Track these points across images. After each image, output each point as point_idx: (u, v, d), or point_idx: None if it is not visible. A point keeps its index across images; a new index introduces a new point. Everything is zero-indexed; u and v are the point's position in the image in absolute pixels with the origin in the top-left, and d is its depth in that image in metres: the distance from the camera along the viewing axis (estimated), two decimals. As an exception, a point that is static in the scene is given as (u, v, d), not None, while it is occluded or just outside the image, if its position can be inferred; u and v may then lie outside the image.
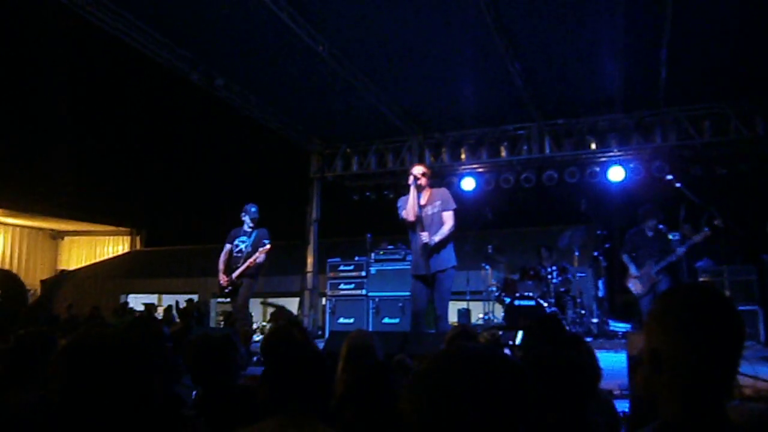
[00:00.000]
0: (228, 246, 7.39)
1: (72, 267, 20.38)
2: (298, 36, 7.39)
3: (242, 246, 7.30)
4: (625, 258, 7.43)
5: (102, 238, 21.26)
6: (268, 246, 7.08)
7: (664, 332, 1.33)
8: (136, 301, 17.27)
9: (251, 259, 7.03)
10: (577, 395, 1.97)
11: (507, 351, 3.81)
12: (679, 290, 1.47)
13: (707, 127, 9.34)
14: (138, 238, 21.12)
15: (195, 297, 17.05)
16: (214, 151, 16.45)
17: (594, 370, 2.32)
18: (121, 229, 20.82)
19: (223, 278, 7.21)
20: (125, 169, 17.52)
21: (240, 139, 14.00)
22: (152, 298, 18.29)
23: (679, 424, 1.29)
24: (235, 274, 7.12)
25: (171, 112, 14.59)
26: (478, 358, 1.13)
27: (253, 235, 7.29)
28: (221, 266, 7.27)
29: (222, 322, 14.53)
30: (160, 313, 16.17)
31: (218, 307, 17.50)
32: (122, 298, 17.96)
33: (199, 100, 10.77)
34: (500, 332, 3.98)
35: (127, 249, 21.04)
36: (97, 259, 20.69)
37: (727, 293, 6.40)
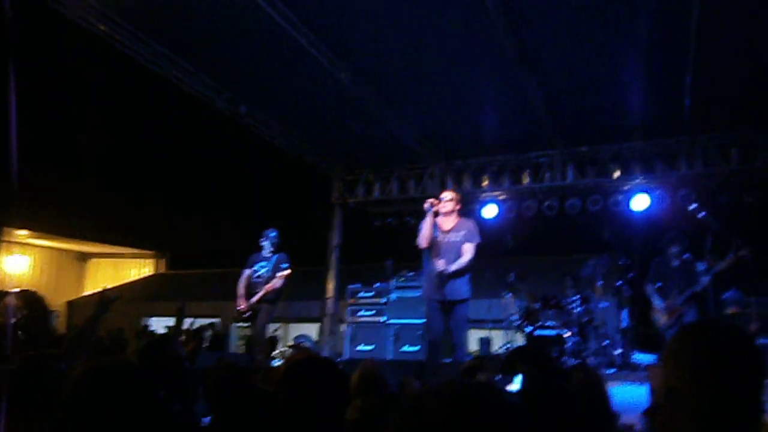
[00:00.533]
0: (247, 271, 7.49)
1: (97, 289, 20.64)
2: (320, 63, 7.48)
3: (262, 271, 7.38)
4: (648, 289, 7.29)
5: (127, 260, 21.51)
6: (287, 271, 7.14)
7: (681, 370, 1.32)
8: (159, 324, 17.38)
9: (270, 285, 7.08)
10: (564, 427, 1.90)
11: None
12: (694, 327, 1.49)
13: (734, 154, 9.19)
14: (162, 261, 21.34)
15: (217, 320, 17.13)
16: (238, 176, 16.65)
17: (594, 402, 2.22)
18: (145, 251, 21.06)
19: (242, 303, 7.27)
20: (151, 193, 17.81)
21: (263, 164, 14.15)
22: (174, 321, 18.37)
23: None
24: (254, 299, 7.18)
25: (196, 138, 14.84)
26: (466, 396, 1.10)
27: (273, 260, 7.39)
28: (241, 291, 7.36)
29: (243, 347, 14.55)
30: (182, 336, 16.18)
31: (239, 331, 17.53)
32: (145, 321, 18.09)
33: (224, 127, 10.92)
34: (498, 376, 3.83)
35: (151, 272, 21.26)
36: (122, 282, 20.93)
37: (755, 325, 6.22)
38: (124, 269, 21.54)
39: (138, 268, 21.44)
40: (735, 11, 6.28)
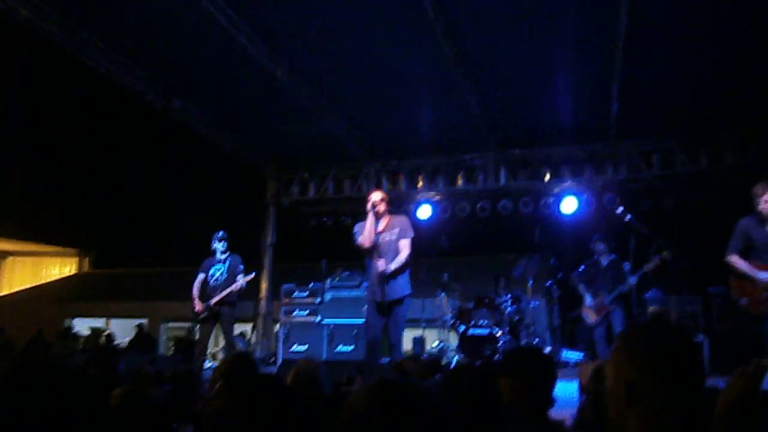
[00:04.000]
0: (202, 275, 7.58)
1: (15, 289, 19.63)
2: (257, 60, 7.35)
3: (217, 274, 7.50)
4: (580, 287, 7.57)
5: (48, 258, 20.57)
6: (251, 275, 7.47)
7: (637, 367, 1.45)
8: (83, 325, 16.70)
9: (235, 286, 7.31)
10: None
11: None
12: (647, 326, 1.65)
13: (655, 160, 9.63)
14: (86, 260, 20.51)
15: (144, 321, 16.58)
16: (168, 173, 16.13)
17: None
18: (68, 250, 20.19)
19: (198, 305, 7.40)
20: (74, 189, 17.00)
21: (195, 161, 13.77)
22: (100, 322, 17.71)
23: None
24: (213, 301, 7.34)
25: (124, 132, 14.29)
26: (394, 393, 1.15)
27: (228, 262, 7.54)
28: (195, 293, 7.47)
29: (173, 348, 14.15)
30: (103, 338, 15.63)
31: (168, 332, 17.06)
32: (67, 322, 17.34)
33: (154, 121, 10.57)
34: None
35: (74, 271, 20.39)
36: (42, 281, 19.98)
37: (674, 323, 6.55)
38: (44, 268, 20.58)
39: (59, 267, 20.53)
40: (660, 24, 6.59)
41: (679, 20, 6.48)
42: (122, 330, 16.23)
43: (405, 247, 5.77)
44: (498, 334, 8.32)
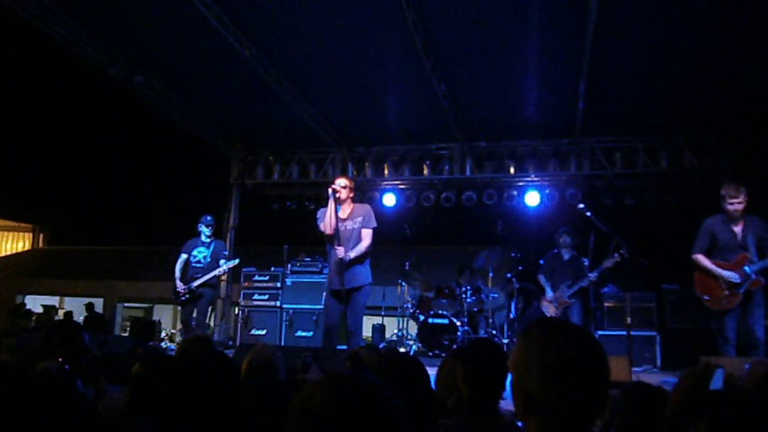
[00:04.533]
0: (184, 256, 7.75)
1: (-37, 263, 18.99)
2: (224, 38, 7.20)
3: (200, 257, 7.69)
4: (541, 279, 7.69)
5: (0, 233, 19.97)
6: (236, 260, 7.78)
7: (537, 378, 1.34)
8: (35, 302, 16.29)
9: (218, 271, 7.55)
10: None
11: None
12: (553, 335, 1.43)
13: (618, 159, 9.80)
14: (41, 236, 19.97)
15: (99, 300, 16.26)
16: (129, 150, 15.74)
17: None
18: (21, 225, 19.62)
19: (180, 285, 7.55)
20: (28, 162, 16.45)
21: (158, 139, 13.47)
22: (53, 300, 17.31)
23: None
24: (196, 284, 7.50)
25: (85, 107, 13.86)
26: (349, 386, 1.13)
27: (212, 246, 7.76)
28: (177, 274, 7.63)
29: (128, 328, 13.89)
30: (61, 316, 15.32)
31: (124, 312, 16.75)
32: (19, 299, 16.91)
33: (117, 97, 10.29)
34: None
35: (28, 246, 19.84)
36: (-7, 256, 19.41)
37: (629, 319, 6.68)
38: (-4, 242, 20.00)
39: (13, 242, 19.95)
40: (629, 26, 6.66)
41: (647, 22, 6.56)
42: (76, 309, 15.89)
43: (367, 237, 5.74)
44: (457, 324, 8.39)
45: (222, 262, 7.59)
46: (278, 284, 9.39)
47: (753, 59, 7.13)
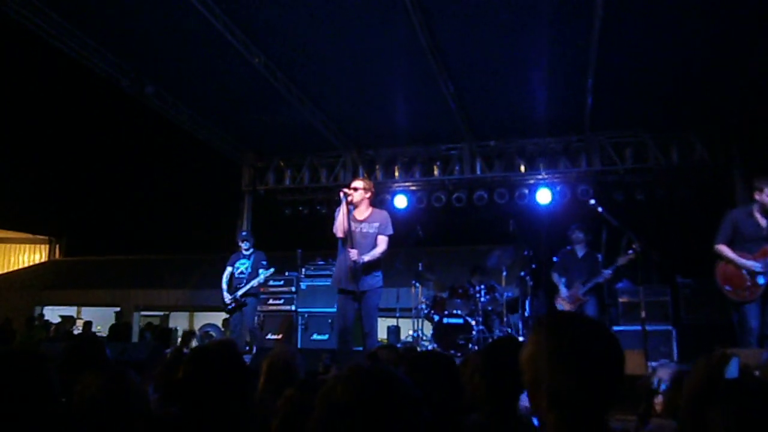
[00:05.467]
0: (229, 269, 8.49)
1: (-18, 276, 19.23)
2: (233, 47, 7.28)
3: (242, 268, 8.35)
4: (555, 277, 7.66)
5: (16, 245, 20.18)
6: (271, 270, 8.30)
7: (550, 368, 1.34)
8: (53, 314, 16.45)
9: (256, 281, 8.15)
10: None
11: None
12: (564, 324, 1.43)
13: (628, 154, 9.78)
14: (57, 247, 20.16)
15: (117, 309, 16.40)
16: (142, 160, 15.89)
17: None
18: (38, 237, 19.82)
19: (227, 296, 8.27)
20: (45, 174, 16.65)
21: (170, 148, 13.58)
22: (71, 311, 17.46)
23: None
24: (239, 293, 8.17)
25: (97, 118, 14.02)
26: (373, 379, 1.17)
27: (252, 257, 8.39)
28: (224, 286, 8.38)
29: (148, 334, 13.99)
30: (78, 326, 15.45)
31: (141, 320, 16.88)
32: (37, 310, 17.07)
33: (128, 108, 10.40)
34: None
35: (44, 258, 20.05)
36: (11, 269, 19.62)
37: (644, 313, 6.67)
38: (13, 255, 20.19)
39: (29, 254, 20.16)
40: (635, 20, 6.67)
41: (654, 15, 6.56)
42: (94, 319, 16.04)
43: (382, 243, 5.73)
44: (472, 324, 8.40)
45: (261, 271, 8.16)
46: (293, 288, 9.46)
47: (764, 52, 7.10)
